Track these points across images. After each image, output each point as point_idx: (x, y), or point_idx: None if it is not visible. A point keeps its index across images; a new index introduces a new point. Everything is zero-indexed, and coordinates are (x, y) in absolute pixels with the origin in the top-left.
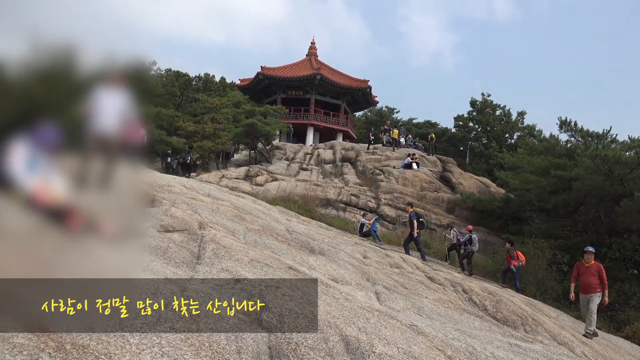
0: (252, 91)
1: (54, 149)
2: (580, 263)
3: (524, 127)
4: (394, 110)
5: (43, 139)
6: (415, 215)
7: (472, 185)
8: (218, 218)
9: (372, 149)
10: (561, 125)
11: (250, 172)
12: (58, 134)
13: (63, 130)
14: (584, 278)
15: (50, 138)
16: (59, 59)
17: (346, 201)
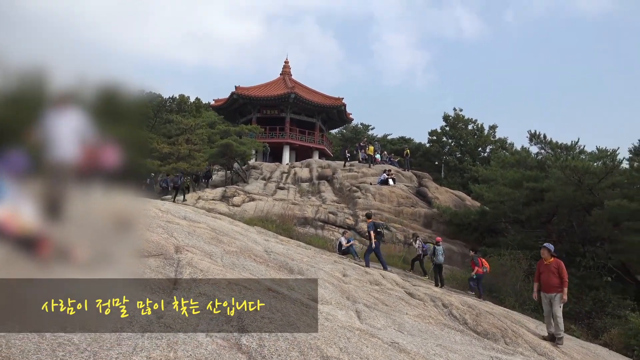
0: (227, 111)
1: (22, 175)
2: (540, 262)
3: (496, 140)
4: (369, 127)
5: (10, 165)
6: (372, 226)
7: (448, 199)
8: (195, 241)
9: (349, 166)
10: (531, 138)
11: (227, 192)
12: (26, 160)
13: (31, 155)
14: (545, 277)
15: (18, 164)
16: (28, 82)
17: (324, 219)
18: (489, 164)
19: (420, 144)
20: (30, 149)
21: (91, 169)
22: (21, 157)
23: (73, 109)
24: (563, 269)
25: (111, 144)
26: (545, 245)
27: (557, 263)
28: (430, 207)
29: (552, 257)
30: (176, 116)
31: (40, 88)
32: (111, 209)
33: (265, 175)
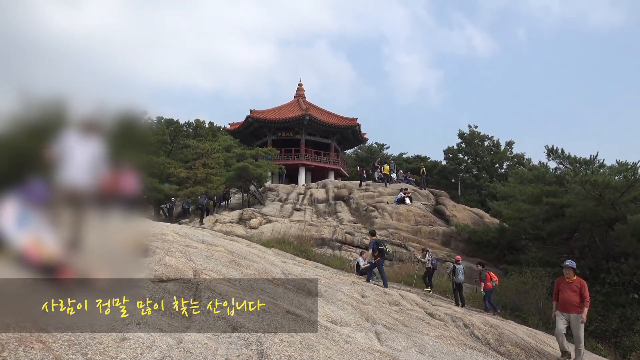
0: (242, 134)
1: (44, 204)
2: (560, 279)
3: (513, 156)
4: (383, 147)
5: (33, 195)
6: (374, 243)
7: (466, 216)
8: (213, 264)
9: (365, 185)
10: (549, 153)
11: (244, 215)
12: (47, 189)
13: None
14: (564, 294)
15: (40, 193)
16: (49, 112)
17: (341, 239)
18: (506, 181)
19: (437, 161)
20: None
21: (111, 195)
22: (42, 187)
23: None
24: (586, 288)
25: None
26: (568, 264)
27: (580, 282)
28: (449, 225)
29: (575, 275)
30: (193, 141)
31: (61, 117)
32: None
33: (282, 197)
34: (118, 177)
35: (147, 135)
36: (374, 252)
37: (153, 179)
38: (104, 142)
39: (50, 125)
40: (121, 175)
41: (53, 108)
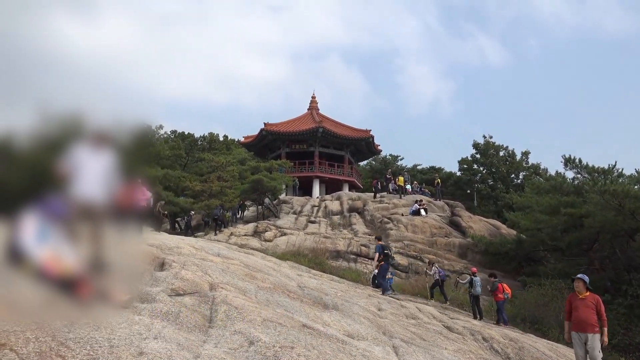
0: (256, 147)
1: (63, 220)
2: (573, 295)
3: (529, 166)
4: (397, 158)
5: (52, 210)
6: (380, 248)
7: (482, 228)
8: (229, 278)
9: (379, 197)
10: (566, 163)
11: (259, 228)
12: (66, 205)
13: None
14: (578, 313)
15: (59, 209)
16: (67, 127)
17: (356, 252)
18: (523, 191)
19: (451, 172)
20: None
21: (124, 208)
22: (61, 202)
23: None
24: (602, 305)
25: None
26: (580, 277)
27: (595, 298)
28: (465, 236)
29: (587, 290)
30: (207, 154)
31: (79, 132)
32: (146, 249)
33: (296, 210)
34: (131, 191)
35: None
36: (379, 256)
37: (169, 193)
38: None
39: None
40: (134, 189)
41: (71, 123)
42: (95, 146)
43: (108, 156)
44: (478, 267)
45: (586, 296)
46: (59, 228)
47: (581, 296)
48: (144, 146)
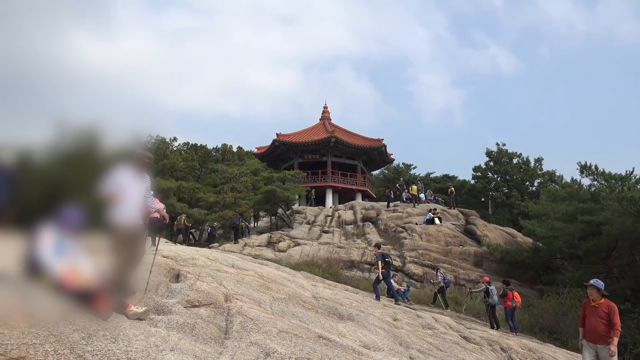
0: (269, 158)
1: (79, 231)
2: (587, 301)
3: (544, 173)
4: (410, 167)
5: (68, 222)
6: (381, 256)
7: (497, 236)
8: (243, 289)
9: (393, 206)
10: (582, 170)
11: (272, 238)
12: (82, 216)
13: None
14: (590, 321)
15: (75, 220)
16: (83, 141)
17: (371, 262)
18: (538, 199)
19: (465, 181)
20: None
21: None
22: (77, 213)
23: (147, 171)
24: (615, 312)
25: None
26: (593, 283)
27: (608, 305)
28: (480, 245)
29: (602, 297)
30: (221, 165)
31: (95, 146)
32: (160, 260)
33: (310, 220)
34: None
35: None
36: (382, 264)
37: (183, 204)
38: (152, 177)
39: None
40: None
41: (87, 138)
42: (137, 170)
43: (147, 180)
44: (494, 276)
45: (600, 304)
46: (76, 240)
47: (594, 304)
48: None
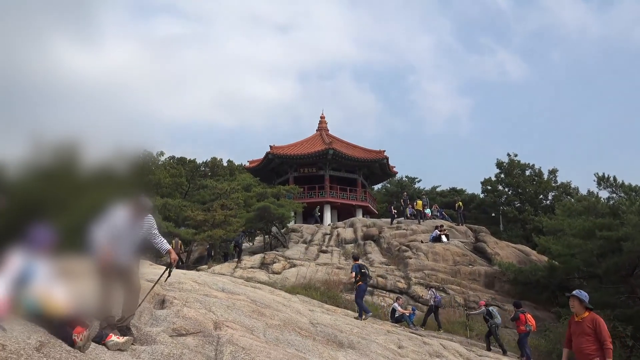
0: (262, 172)
1: (50, 252)
2: (572, 318)
3: (558, 185)
4: (415, 180)
5: (37, 242)
6: (357, 267)
7: (510, 254)
8: (235, 315)
9: (396, 223)
10: (599, 182)
11: (266, 259)
12: (52, 236)
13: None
14: (576, 340)
15: (45, 240)
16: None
17: (373, 283)
18: (553, 213)
19: (474, 194)
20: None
21: None
22: (47, 233)
23: (145, 215)
24: (602, 327)
25: None
26: (575, 294)
27: (593, 319)
28: (491, 264)
29: (586, 310)
30: (210, 181)
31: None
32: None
33: (306, 239)
34: None
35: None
36: (356, 275)
37: (169, 223)
38: (151, 218)
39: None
40: None
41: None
42: (135, 214)
43: (150, 221)
44: (507, 298)
45: (583, 318)
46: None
47: (577, 318)
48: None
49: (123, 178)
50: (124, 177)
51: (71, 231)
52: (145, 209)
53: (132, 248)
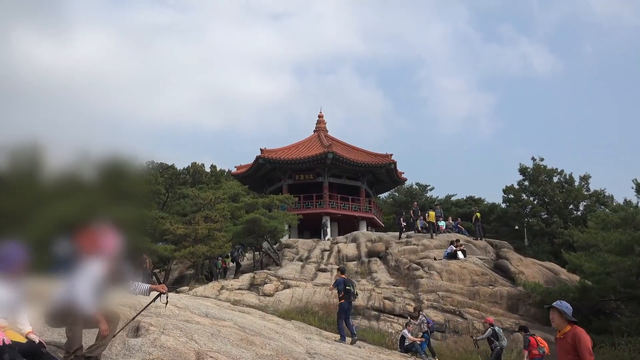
0: (251, 179)
1: (20, 269)
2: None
3: (591, 194)
4: (426, 188)
5: (6, 261)
6: (341, 282)
7: (536, 273)
8: (220, 344)
9: (405, 237)
10: (638, 189)
11: (256, 279)
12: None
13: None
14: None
15: (15, 257)
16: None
17: (379, 307)
18: (585, 226)
19: (494, 204)
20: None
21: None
22: (17, 250)
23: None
24: (582, 342)
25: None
26: (555, 306)
27: (574, 334)
28: (514, 285)
29: (568, 324)
30: (192, 190)
31: (35, 167)
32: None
33: (302, 255)
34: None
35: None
36: (339, 292)
37: (144, 238)
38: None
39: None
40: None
41: (25, 156)
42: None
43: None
44: (533, 323)
45: (565, 333)
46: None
47: (559, 334)
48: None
49: (91, 186)
50: (93, 185)
51: (33, 247)
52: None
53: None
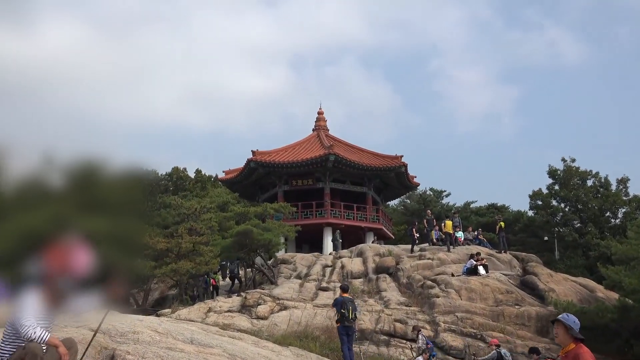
0: (242, 185)
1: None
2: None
3: (630, 199)
4: (442, 194)
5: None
6: (339, 303)
7: (568, 290)
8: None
9: (418, 251)
10: None
11: (248, 300)
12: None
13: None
14: None
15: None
16: None
17: (388, 330)
18: (624, 236)
19: (520, 212)
20: None
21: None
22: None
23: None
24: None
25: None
26: (560, 319)
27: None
28: (544, 304)
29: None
30: (174, 198)
31: None
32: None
33: (301, 272)
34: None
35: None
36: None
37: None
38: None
39: None
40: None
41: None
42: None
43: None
44: None
45: (567, 352)
46: None
47: (562, 352)
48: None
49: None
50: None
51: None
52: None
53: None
